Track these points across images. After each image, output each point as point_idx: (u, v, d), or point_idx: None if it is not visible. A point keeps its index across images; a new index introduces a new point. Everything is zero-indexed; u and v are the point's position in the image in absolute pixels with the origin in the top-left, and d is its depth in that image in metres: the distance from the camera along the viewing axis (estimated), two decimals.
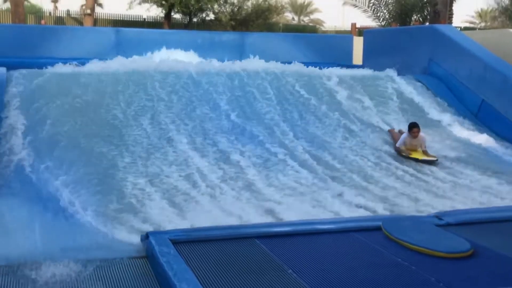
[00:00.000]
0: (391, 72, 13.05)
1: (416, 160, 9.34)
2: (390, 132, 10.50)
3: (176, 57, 14.10)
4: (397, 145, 9.77)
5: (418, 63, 13.65)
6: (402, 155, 9.59)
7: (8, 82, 9.93)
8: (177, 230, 5.11)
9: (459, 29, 24.89)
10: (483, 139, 10.42)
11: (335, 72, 12.87)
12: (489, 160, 9.49)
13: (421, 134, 9.79)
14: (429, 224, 5.22)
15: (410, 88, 12.38)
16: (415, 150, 9.67)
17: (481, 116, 11.39)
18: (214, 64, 12.62)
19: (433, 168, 9.07)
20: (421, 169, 9.03)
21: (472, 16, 64.21)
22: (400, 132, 10.23)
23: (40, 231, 5.74)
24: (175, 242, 4.54)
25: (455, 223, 5.31)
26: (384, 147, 9.93)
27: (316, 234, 5.03)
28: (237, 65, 12.56)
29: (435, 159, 9.36)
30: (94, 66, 11.79)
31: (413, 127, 9.77)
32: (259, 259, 4.33)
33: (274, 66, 12.71)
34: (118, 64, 11.93)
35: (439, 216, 5.51)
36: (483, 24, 59.01)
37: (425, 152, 9.60)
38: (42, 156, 7.90)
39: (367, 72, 13.45)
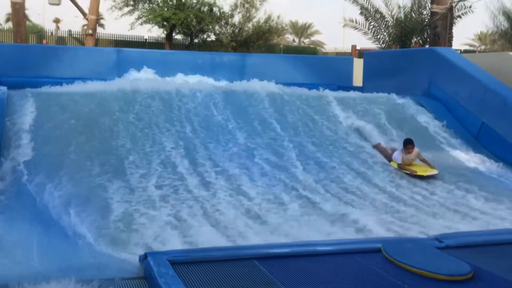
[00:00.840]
0: (392, 95, 13.06)
1: (421, 177, 9.47)
2: (378, 147, 10.59)
3: (177, 78, 14.20)
4: (397, 160, 9.89)
5: (418, 85, 13.70)
6: (405, 172, 9.69)
7: (9, 101, 9.95)
8: (176, 251, 5.08)
9: (459, 51, 25.03)
10: (482, 161, 10.42)
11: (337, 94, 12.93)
12: (488, 183, 9.46)
13: (415, 149, 10.00)
14: (429, 246, 5.19)
15: (410, 110, 12.40)
16: (410, 164, 9.92)
17: (481, 138, 11.40)
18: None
19: (431, 189, 9.06)
20: (419, 190, 9.01)
21: (472, 39, 64.63)
22: (391, 149, 10.37)
23: (38, 250, 5.71)
24: (174, 263, 4.51)
25: (455, 246, 5.27)
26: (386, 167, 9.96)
27: (315, 256, 4.99)
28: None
29: (436, 172, 9.61)
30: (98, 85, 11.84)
31: (408, 144, 9.96)
32: (258, 281, 4.30)
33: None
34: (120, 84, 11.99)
35: (439, 238, 5.48)
36: (483, 47, 59.30)
37: (424, 161, 9.96)
38: (41, 175, 7.89)
39: (368, 94, 13.45)
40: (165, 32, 33.93)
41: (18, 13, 24.35)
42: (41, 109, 9.99)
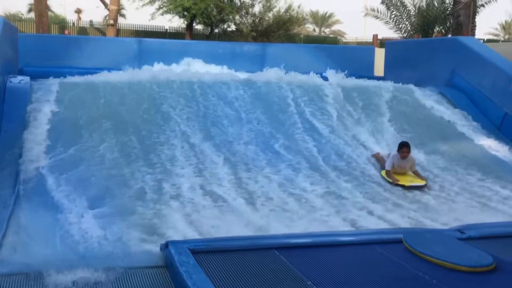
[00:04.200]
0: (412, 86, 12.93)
1: (403, 187, 8.54)
2: (375, 156, 9.64)
3: (197, 68, 14.22)
4: (386, 167, 8.95)
5: (440, 75, 13.55)
6: (388, 181, 8.77)
7: (32, 91, 10.05)
8: (197, 240, 5.11)
9: (482, 41, 24.76)
10: (505, 152, 10.29)
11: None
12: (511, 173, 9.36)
13: (411, 154, 9.11)
14: (451, 237, 5.15)
15: (432, 101, 12.27)
16: (403, 173, 9.00)
17: (503, 129, 11.25)
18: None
19: (454, 180, 8.99)
20: (443, 182, 8.94)
21: (496, 28, 63.88)
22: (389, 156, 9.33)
23: (60, 239, 5.79)
24: (195, 252, 4.54)
25: (477, 237, 5.23)
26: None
27: (336, 246, 4.99)
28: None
29: (424, 183, 8.66)
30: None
31: (403, 147, 9.06)
32: (278, 270, 4.31)
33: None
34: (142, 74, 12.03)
35: (461, 229, 5.44)
36: (506, 36, 58.58)
37: (416, 173, 8.99)
38: (64, 164, 8.00)
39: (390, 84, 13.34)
40: (185, 22, 34.01)
41: (40, 3, 24.59)
42: (64, 98, 10.06)
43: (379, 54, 17.98)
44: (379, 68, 17.50)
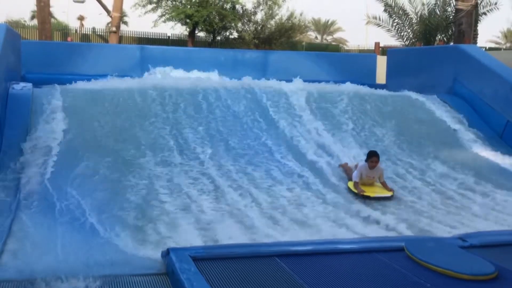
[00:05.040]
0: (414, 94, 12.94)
1: (368, 198, 8.19)
2: (343, 167, 9.33)
3: (199, 75, 14.26)
4: (354, 178, 8.54)
5: (442, 83, 13.56)
6: (353, 192, 8.43)
7: (34, 98, 10.06)
8: (198, 247, 5.10)
9: (484, 49, 24.76)
10: (507, 160, 10.27)
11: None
12: None
13: (379, 164, 8.77)
14: (453, 245, 5.14)
15: (434, 108, 12.27)
16: (371, 184, 8.67)
17: (506, 137, 11.24)
18: None
19: (457, 188, 8.96)
20: (445, 190, 8.92)
21: (498, 37, 63.94)
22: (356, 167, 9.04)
23: (62, 246, 5.78)
24: (196, 259, 4.53)
25: (479, 245, 5.22)
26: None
27: (337, 254, 4.98)
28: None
29: (390, 194, 8.34)
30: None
31: (373, 156, 8.66)
32: (279, 278, 4.30)
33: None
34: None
35: (462, 237, 5.42)
36: (508, 45, 58.64)
37: (383, 184, 8.63)
38: (66, 171, 7.98)
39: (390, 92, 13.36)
40: (187, 29, 34.15)
41: (43, 10, 24.69)
42: (66, 105, 10.07)
43: (381, 62, 18.01)
44: (381, 75, 17.52)
